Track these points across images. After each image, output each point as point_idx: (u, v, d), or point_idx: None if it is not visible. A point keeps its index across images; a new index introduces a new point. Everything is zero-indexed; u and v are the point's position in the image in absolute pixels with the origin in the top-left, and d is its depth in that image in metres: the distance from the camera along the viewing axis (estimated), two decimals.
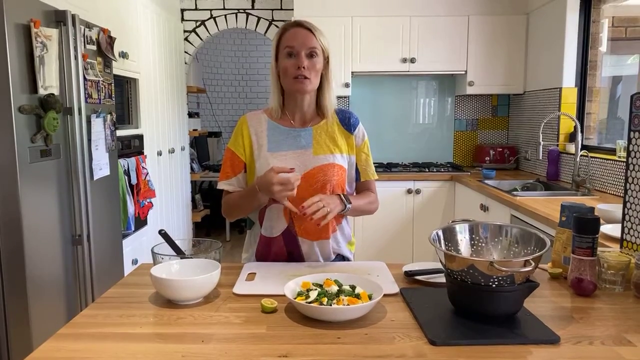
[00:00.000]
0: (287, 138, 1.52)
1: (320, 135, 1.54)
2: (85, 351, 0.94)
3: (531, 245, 1.12)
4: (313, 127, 1.55)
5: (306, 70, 1.44)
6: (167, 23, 3.95)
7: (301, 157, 1.51)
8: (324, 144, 1.53)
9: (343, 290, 1.14)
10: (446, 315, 1.08)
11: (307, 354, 0.92)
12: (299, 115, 1.55)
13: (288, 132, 1.53)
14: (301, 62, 1.44)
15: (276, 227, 1.52)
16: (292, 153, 1.50)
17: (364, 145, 1.60)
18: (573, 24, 3.33)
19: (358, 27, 3.92)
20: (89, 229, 2.32)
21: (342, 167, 1.54)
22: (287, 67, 1.46)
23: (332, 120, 1.57)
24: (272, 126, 1.54)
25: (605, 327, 1.03)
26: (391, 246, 3.86)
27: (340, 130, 1.56)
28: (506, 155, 4.15)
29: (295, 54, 1.45)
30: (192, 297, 1.16)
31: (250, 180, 1.54)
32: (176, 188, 4.19)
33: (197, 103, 6.13)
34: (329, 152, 1.52)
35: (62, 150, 2.19)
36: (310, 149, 1.52)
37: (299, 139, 1.52)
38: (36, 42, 1.97)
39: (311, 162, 1.50)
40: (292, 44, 1.45)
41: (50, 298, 2.11)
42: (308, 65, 1.45)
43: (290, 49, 1.45)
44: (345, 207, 1.47)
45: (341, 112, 1.60)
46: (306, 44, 1.45)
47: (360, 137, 1.59)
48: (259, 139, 1.53)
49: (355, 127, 1.58)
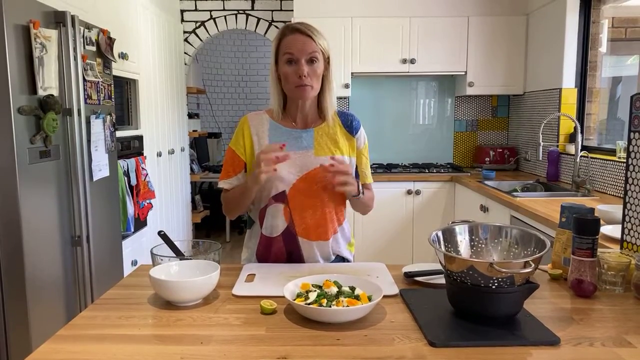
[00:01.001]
0: (288, 138, 1.53)
1: (322, 137, 1.54)
2: (83, 353, 0.93)
3: (531, 247, 1.11)
4: (315, 128, 1.55)
5: (307, 77, 1.44)
6: (166, 24, 3.95)
7: (302, 158, 1.51)
8: (325, 145, 1.53)
9: (342, 292, 1.14)
10: (446, 316, 1.07)
11: (307, 355, 0.92)
12: (301, 117, 1.55)
13: (290, 133, 1.54)
14: (302, 71, 1.43)
15: (276, 227, 1.52)
16: (293, 154, 1.50)
17: (364, 149, 1.61)
18: (573, 25, 3.33)
19: (358, 28, 3.92)
20: (89, 230, 2.32)
21: None
22: (287, 74, 1.45)
23: (334, 122, 1.57)
24: (273, 126, 1.55)
25: (605, 328, 1.03)
26: (391, 247, 3.86)
27: (342, 132, 1.57)
28: (506, 156, 4.15)
29: (295, 60, 1.44)
30: (191, 298, 1.16)
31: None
32: (176, 189, 4.19)
33: (196, 104, 6.13)
34: (330, 153, 1.53)
35: (61, 151, 2.19)
36: (312, 150, 1.52)
37: (300, 140, 1.53)
38: (35, 43, 1.97)
39: (312, 163, 1.51)
40: (291, 50, 1.44)
41: (50, 299, 2.11)
42: (309, 72, 1.44)
43: (290, 56, 1.44)
44: (359, 194, 1.50)
45: (343, 114, 1.60)
46: (306, 50, 1.44)
47: (361, 140, 1.60)
48: (260, 139, 1.53)
49: (358, 130, 1.59)
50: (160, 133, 3.77)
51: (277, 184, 1.49)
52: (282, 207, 1.50)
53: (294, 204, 1.50)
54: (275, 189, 1.49)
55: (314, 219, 1.51)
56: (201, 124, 6.04)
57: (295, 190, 1.49)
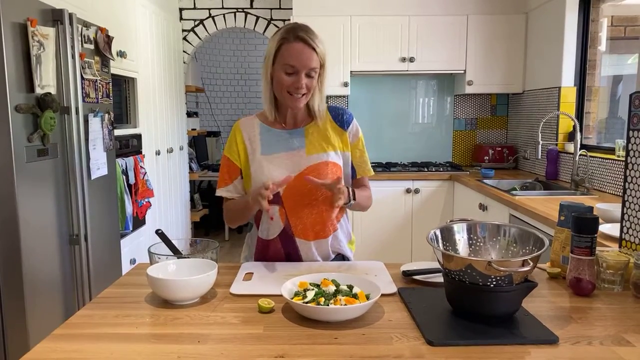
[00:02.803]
0: (279, 140, 1.52)
1: (313, 135, 1.53)
2: (80, 352, 0.93)
3: (529, 245, 1.11)
4: (304, 127, 1.54)
5: (304, 89, 1.43)
6: (165, 22, 3.94)
7: (294, 157, 1.50)
8: (317, 143, 1.52)
9: (340, 290, 1.14)
10: (444, 315, 1.07)
11: (304, 354, 0.91)
12: (291, 118, 1.55)
13: (280, 134, 1.53)
14: (300, 84, 1.42)
15: (272, 229, 1.52)
16: (285, 154, 1.50)
17: (358, 142, 1.59)
18: (572, 23, 3.33)
19: (357, 27, 3.91)
20: (87, 228, 2.32)
21: (337, 164, 1.53)
22: (284, 82, 1.43)
23: (325, 118, 1.56)
24: (264, 129, 1.54)
25: (604, 327, 1.03)
26: (390, 246, 3.86)
27: (333, 127, 1.56)
28: (505, 155, 4.15)
29: (295, 73, 1.42)
30: (189, 297, 1.15)
31: (246, 185, 1.55)
32: (175, 188, 4.18)
33: (195, 102, 6.12)
34: (322, 150, 1.52)
35: (59, 150, 2.18)
36: (303, 149, 1.51)
37: (291, 141, 1.52)
38: (33, 41, 1.96)
39: (305, 162, 1.50)
40: (293, 63, 1.41)
41: (47, 298, 2.11)
42: (307, 84, 1.44)
43: (291, 68, 1.41)
44: (349, 202, 1.48)
45: (334, 109, 1.58)
46: (308, 65, 1.41)
47: (354, 133, 1.58)
48: (252, 143, 1.53)
49: (349, 124, 1.57)
50: (159, 131, 3.76)
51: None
52: (277, 208, 1.50)
53: (289, 204, 1.49)
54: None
55: (310, 218, 1.51)
56: (200, 123, 6.04)
57: (290, 190, 1.48)
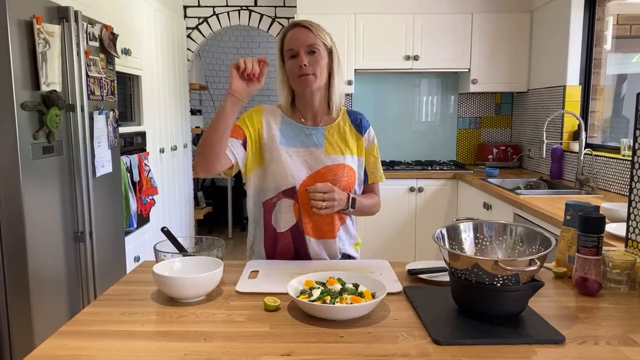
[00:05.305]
0: (299, 135, 1.53)
1: (332, 135, 1.55)
2: (87, 349, 0.93)
3: (536, 244, 1.11)
4: (325, 126, 1.55)
5: (308, 67, 1.45)
6: (169, 20, 3.94)
7: (313, 155, 1.52)
8: (336, 144, 1.54)
9: (346, 289, 1.14)
10: (450, 314, 1.07)
11: (310, 352, 0.92)
12: (310, 114, 1.56)
13: (300, 129, 1.54)
14: (302, 61, 1.45)
15: (285, 221, 1.52)
16: (303, 150, 1.52)
17: (373, 148, 1.61)
18: (577, 22, 3.31)
19: (361, 25, 3.91)
20: (92, 226, 2.32)
21: (352, 169, 1.55)
22: (291, 68, 1.47)
23: (344, 120, 1.58)
24: (285, 121, 1.56)
25: (610, 327, 1.03)
26: (394, 244, 3.86)
27: (351, 131, 1.57)
28: (509, 154, 4.14)
29: (296, 54, 1.46)
30: (195, 295, 1.15)
31: (249, 166, 1.53)
32: (178, 185, 4.19)
33: (199, 100, 6.12)
34: (340, 152, 1.53)
35: (64, 147, 2.19)
36: (322, 148, 1.53)
37: (311, 137, 1.54)
38: (38, 39, 1.96)
39: (322, 161, 1.51)
40: (291, 45, 1.46)
41: (53, 295, 2.11)
42: (310, 61, 1.45)
43: (291, 51, 1.47)
44: (347, 209, 1.49)
45: (353, 113, 1.61)
46: (305, 42, 1.45)
47: (369, 139, 1.60)
48: (270, 129, 1.53)
49: (366, 130, 1.59)
50: (163, 129, 3.77)
51: (288, 179, 1.49)
52: (292, 202, 1.51)
53: (303, 200, 1.50)
54: (285, 184, 1.49)
55: (320, 217, 1.51)
56: (204, 121, 6.03)
57: (305, 187, 1.49)
